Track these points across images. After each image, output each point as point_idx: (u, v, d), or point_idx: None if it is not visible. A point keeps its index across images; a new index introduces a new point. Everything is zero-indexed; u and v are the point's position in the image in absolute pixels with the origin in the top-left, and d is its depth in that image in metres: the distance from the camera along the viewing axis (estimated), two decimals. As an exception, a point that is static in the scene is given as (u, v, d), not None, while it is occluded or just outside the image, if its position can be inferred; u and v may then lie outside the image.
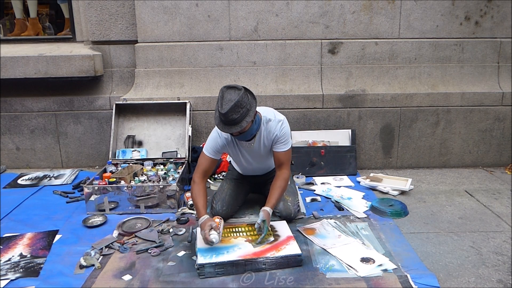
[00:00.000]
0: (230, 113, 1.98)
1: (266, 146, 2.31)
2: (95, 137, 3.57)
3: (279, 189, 2.25)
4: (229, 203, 2.46)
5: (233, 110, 1.98)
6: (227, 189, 2.53)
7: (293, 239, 2.10)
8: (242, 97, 2.00)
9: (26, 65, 3.31)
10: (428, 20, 3.36)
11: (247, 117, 2.02)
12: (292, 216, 2.42)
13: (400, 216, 2.54)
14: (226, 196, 2.48)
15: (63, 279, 1.91)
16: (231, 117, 1.99)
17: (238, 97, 1.98)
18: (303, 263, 1.98)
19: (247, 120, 2.02)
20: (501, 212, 2.60)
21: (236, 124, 2.01)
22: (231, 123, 2.02)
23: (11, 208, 2.74)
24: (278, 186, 2.25)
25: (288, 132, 2.29)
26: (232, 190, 2.53)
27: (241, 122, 2.01)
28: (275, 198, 2.23)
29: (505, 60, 3.45)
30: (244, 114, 2.01)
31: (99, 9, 3.41)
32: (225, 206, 2.44)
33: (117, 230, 2.37)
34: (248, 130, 2.11)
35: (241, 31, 3.39)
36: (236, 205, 2.53)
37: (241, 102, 1.99)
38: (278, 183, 2.26)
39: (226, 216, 2.42)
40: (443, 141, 3.48)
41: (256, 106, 2.11)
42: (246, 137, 2.16)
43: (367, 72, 3.44)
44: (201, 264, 1.88)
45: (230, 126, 2.03)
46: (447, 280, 1.87)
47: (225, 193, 2.50)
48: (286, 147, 2.28)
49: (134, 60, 3.51)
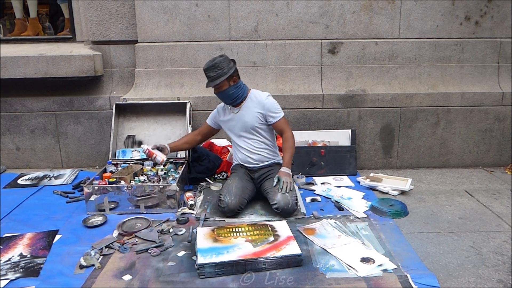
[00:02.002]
0: (208, 70, 2.55)
1: (254, 112, 2.65)
2: (95, 137, 3.58)
3: (288, 150, 2.63)
4: (236, 194, 2.51)
5: (210, 69, 2.54)
6: (232, 182, 2.63)
7: (293, 239, 2.10)
8: (221, 61, 2.53)
9: (26, 65, 3.31)
10: (428, 20, 3.37)
11: (221, 77, 2.52)
12: (290, 206, 2.43)
13: (400, 216, 2.54)
14: (233, 188, 2.55)
15: (63, 279, 1.91)
16: (208, 74, 2.57)
17: (217, 60, 2.53)
18: (303, 263, 1.98)
19: (221, 79, 2.52)
20: (501, 212, 2.60)
21: (212, 80, 2.56)
22: (209, 79, 2.58)
23: (11, 208, 2.74)
24: (287, 147, 2.63)
25: (275, 103, 2.67)
26: (238, 182, 2.61)
27: (216, 80, 2.53)
28: (287, 157, 2.61)
29: (505, 60, 3.45)
30: (220, 74, 2.53)
31: (99, 9, 3.42)
32: (233, 196, 2.49)
33: (117, 230, 2.37)
34: (226, 91, 2.59)
35: (241, 31, 3.39)
36: (243, 197, 2.56)
37: (219, 64, 2.52)
38: (286, 145, 2.64)
39: (235, 208, 2.48)
40: (443, 141, 3.48)
41: (234, 73, 2.58)
42: (226, 99, 2.65)
43: (367, 72, 3.44)
44: (201, 264, 1.88)
45: (208, 82, 2.59)
46: (447, 280, 1.87)
47: (231, 185, 2.58)
48: (279, 115, 2.65)
49: (134, 60, 3.51)
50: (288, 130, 2.65)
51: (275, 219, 2.45)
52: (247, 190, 2.62)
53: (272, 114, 2.63)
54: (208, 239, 2.09)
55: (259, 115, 2.64)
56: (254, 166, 2.73)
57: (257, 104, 2.65)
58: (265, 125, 2.68)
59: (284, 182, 2.49)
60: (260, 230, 2.20)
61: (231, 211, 2.47)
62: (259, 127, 2.67)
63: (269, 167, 2.73)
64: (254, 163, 2.73)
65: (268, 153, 2.74)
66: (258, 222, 2.38)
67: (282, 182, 2.49)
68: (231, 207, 2.46)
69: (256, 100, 2.66)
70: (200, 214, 2.56)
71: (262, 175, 2.71)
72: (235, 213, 2.51)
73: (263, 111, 2.63)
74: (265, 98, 2.65)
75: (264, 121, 2.66)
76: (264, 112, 2.63)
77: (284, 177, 2.53)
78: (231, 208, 2.46)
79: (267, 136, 2.71)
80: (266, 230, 2.21)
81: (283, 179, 2.51)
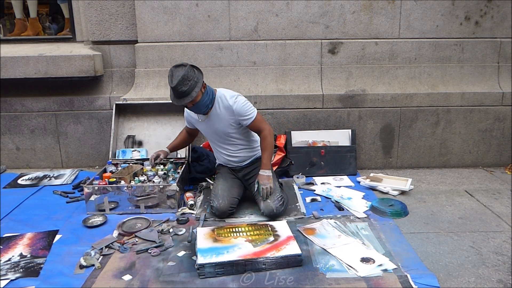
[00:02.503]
0: (179, 86, 2.24)
1: (224, 118, 2.47)
2: (95, 137, 3.57)
3: (266, 149, 2.50)
4: (223, 196, 2.50)
5: (181, 83, 2.24)
6: (218, 185, 2.63)
7: (293, 239, 2.11)
8: (188, 71, 2.25)
9: (26, 65, 3.31)
10: (428, 20, 3.36)
11: (195, 88, 2.27)
12: (276, 212, 2.44)
13: (400, 216, 2.54)
14: (219, 191, 2.54)
15: (63, 279, 1.91)
16: (180, 89, 2.25)
17: (184, 72, 2.23)
18: (303, 263, 1.98)
19: (196, 91, 2.27)
20: (501, 212, 2.60)
21: (187, 95, 2.27)
22: (182, 95, 2.28)
23: (11, 208, 2.74)
24: (264, 146, 2.50)
25: (244, 105, 2.44)
26: (223, 184, 2.60)
27: (191, 92, 2.27)
28: (266, 158, 2.50)
29: (505, 60, 3.45)
30: (192, 86, 2.26)
31: (99, 9, 3.42)
32: (220, 199, 2.49)
33: (117, 230, 2.37)
34: (200, 101, 2.35)
35: (241, 31, 3.39)
36: (232, 196, 2.55)
37: (188, 75, 2.24)
38: (263, 144, 2.50)
39: (226, 209, 2.47)
40: (443, 141, 3.48)
41: (202, 79, 2.34)
42: (201, 109, 2.40)
43: (367, 72, 3.44)
44: (201, 264, 1.88)
45: (182, 98, 2.29)
46: (447, 280, 1.87)
47: (217, 189, 2.58)
48: (252, 116, 2.45)
49: (134, 60, 3.51)
50: (264, 127, 2.48)
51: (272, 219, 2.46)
52: (235, 189, 2.61)
53: (244, 117, 2.44)
54: (208, 239, 2.09)
55: (231, 121, 2.48)
56: (236, 166, 2.72)
57: (225, 110, 2.45)
58: (239, 128, 2.53)
59: (263, 189, 2.45)
60: (260, 230, 2.20)
61: (222, 213, 2.47)
62: (232, 132, 2.54)
63: (252, 164, 2.71)
64: (235, 164, 2.71)
65: (247, 152, 2.68)
66: (258, 222, 2.38)
67: (262, 189, 2.45)
68: (222, 210, 2.46)
69: (223, 105, 2.44)
70: (200, 214, 2.56)
71: (246, 174, 2.71)
72: (229, 214, 2.51)
73: (233, 116, 2.45)
74: (232, 103, 2.41)
75: (237, 125, 2.51)
76: (234, 117, 2.45)
77: (263, 181, 2.47)
78: (222, 210, 2.46)
79: (242, 137, 2.61)
80: (266, 230, 2.21)
81: (261, 185, 2.46)
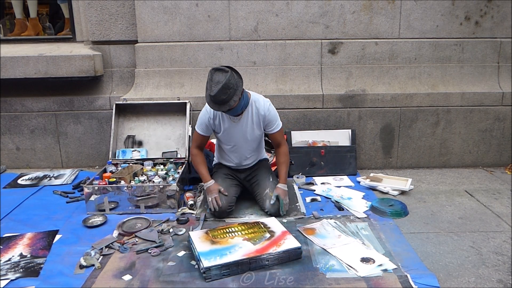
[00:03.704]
0: (219, 94, 2.21)
1: (254, 123, 2.52)
2: (95, 137, 3.57)
3: (283, 164, 2.58)
4: (221, 196, 2.50)
5: (221, 92, 2.21)
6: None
7: (289, 233, 2.15)
8: (229, 79, 2.21)
9: (26, 65, 3.31)
10: (428, 20, 3.36)
11: (234, 96, 2.25)
12: (279, 213, 2.48)
13: (400, 216, 2.54)
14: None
15: (63, 279, 1.91)
16: (220, 98, 2.23)
17: (226, 80, 2.20)
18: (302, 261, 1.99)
19: (235, 100, 2.26)
20: (501, 212, 2.60)
21: (225, 103, 2.25)
22: (221, 103, 2.26)
23: (11, 208, 2.74)
24: (282, 161, 2.59)
25: (276, 113, 2.56)
26: (221, 184, 2.60)
27: (229, 101, 2.25)
28: (283, 173, 2.57)
29: (505, 60, 3.45)
30: (231, 94, 2.24)
31: (99, 9, 3.42)
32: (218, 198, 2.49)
33: (117, 230, 2.37)
34: (238, 106, 2.34)
35: (241, 31, 3.39)
36: (230, 195, 2.55)
37: (228, 84, 2.21)
38: (282, 159, 2.59)
39: (225, 209, 2.49)
40: (443, 141, 3.48)
41: (242, 85, 2.32)
42: (235, 112, 2.41)
43: (367, 72, 3.44)
44: (207, 267, 1.86)
45: (220, 105, 2.28)
46: (447, 280, 1.87)
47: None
48: (278, 127, 2.56)
49: (134, 60, 3.51)
50: (284, 143, 2.61)
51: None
52: (233, 188, 2.62)
53: (272, 126, 2.55)
54: (205, 242, 2.08)
55: (259, 126, 2.55)
56: (243, 168, 2.73)
57: (257, 114, 2.51)
58: (262, 132, 2.62)
59: (285, 205, 2.50)
60: (253, 228, 2.21)
61: (222, 212, 2.48)
62: (257, 137, 2.60)
63: (255, 165, 2.75)
64: (244, 167, 2.72)
65: (256, 155, 2.73)
66: (249, 221, 2.40)
67: (283, 205, 2.49)
68: (222, 209, 2.47)
69: (257, 109, 2.50)
70: (200, 214, 2.56)
71: (249, 175, 2.73)
72: (227, 213, 2.51)
73: (264, 121, 2.53)
74: (266, 109, 2.50)
75: (262, 130, 2.59)
76: (265, 122, 2.54)
77: (284, 197, 2.52)
78: (222, 210, 2.47)
79: (259, 142, 2.69)
80: (259, 227, 2.22)
81: (283, 201, 2.49)
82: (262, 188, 2.61)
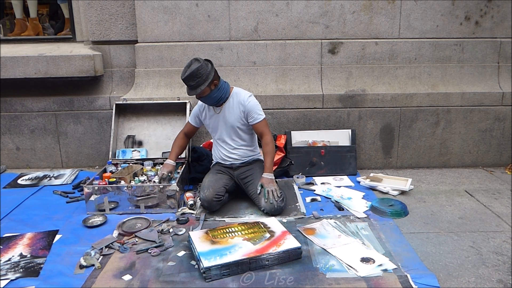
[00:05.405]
0: (187, 80, 2.49)
1: (235, 113, 2.66)
2: (95, 137, 3.57)
3: (269, 154, 2.65)
4: (209, 186, 2.57)
5: (189, 78, 2.47)
6: (205, 179, 2.71)
7: (288, 233, 2.15)
8: (198, 68, 2.45)
9: (26, 65, 3.31)
10: (428, 20, 3.36)
11: (202, 85, 2.48)
12: (277, 208, 2.50)
13: (400, 216, 2.54)
14: (205, 183, 2.63)
15: (63, 279, 1.91)
16: (188, 83, 2.51)
17: (195, 68, 2.45)
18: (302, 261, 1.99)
19: (201, 88, 2.48)
20: (501, 212, 2.60)
21: (193, 89, 2.51)
22: (191, 88, 2.52)
23: (11, 208, 2.74)
24: (266, 151, 2.65)
25: (256, 104, 2.67)
26: (211, 177, 2.69)
27: (197, 88, 2.49)
28: (268, 162, 2.64)
29: (505, 60, 3.45)
30: (199, 82, 2.48)
31: (99, 9, 3.42)
32: (205, 190, 2.56)
33: (117, 230, 2.37)
34: (210, 95, 2.56)
35: (241, 31, 3.39)
36: (218, 185, 2.60)
37: (197, 73, 2.45)
38: (266, 148, 2.65)
39: (211, 198, 2.53)
40: (443, 141, 3.48)
41: (214, 77, 2.53)
42: (210, 101, 2.63)
43: (367, 72, 3.44)
44: (207, 267, 1.86)
45: (190, 90, 2.54)
46: (447, 280, 1.87)
47: (204, 182, 2.67)
48: (259, 118, 2.65)
49: (134, 60, 3.51)
50: (268, 133, 2.66)
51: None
52: (222, 180, 2.67)
53: (253, 115, 2.63)
54: (205, 242, 2.08)
55: (241, 115, 2.65)
56: (233, 163, 2.77)
57: (238, 105, 2.64)
58: (246, 125, 2.69)
59: (268, 192, 2.52)
60: (253, 228, 2.21)
61: (208, 201, 2.52)
62: (240, 127, 2.69)
63: (249, 164, 2.78)
64: (233, 161, 2.76)
65: (248, 150, 2.78)
66: (249, 221, 2.40)
67: (267, 192, 2.52)
68: (208, 198, 2.51)
69: (238, 100, 2.65)
70: (200, 214, 2.56)
71: (243, 173, 2.75)
72: (215, 204, 2.54)
73: (245, 111, 2.64)
74: (246, 99, 2.64)
75: (245, 121, 2.67)
76: (245, 112, 2.64)
77: (268, 184, 2.56)
78: (208, 199, 2.51)
79: (247, 136, 2.75)
80: (259, 227, 2.22)
81: (267, 188, 2.53)
82: (256, 187, 2.62)
